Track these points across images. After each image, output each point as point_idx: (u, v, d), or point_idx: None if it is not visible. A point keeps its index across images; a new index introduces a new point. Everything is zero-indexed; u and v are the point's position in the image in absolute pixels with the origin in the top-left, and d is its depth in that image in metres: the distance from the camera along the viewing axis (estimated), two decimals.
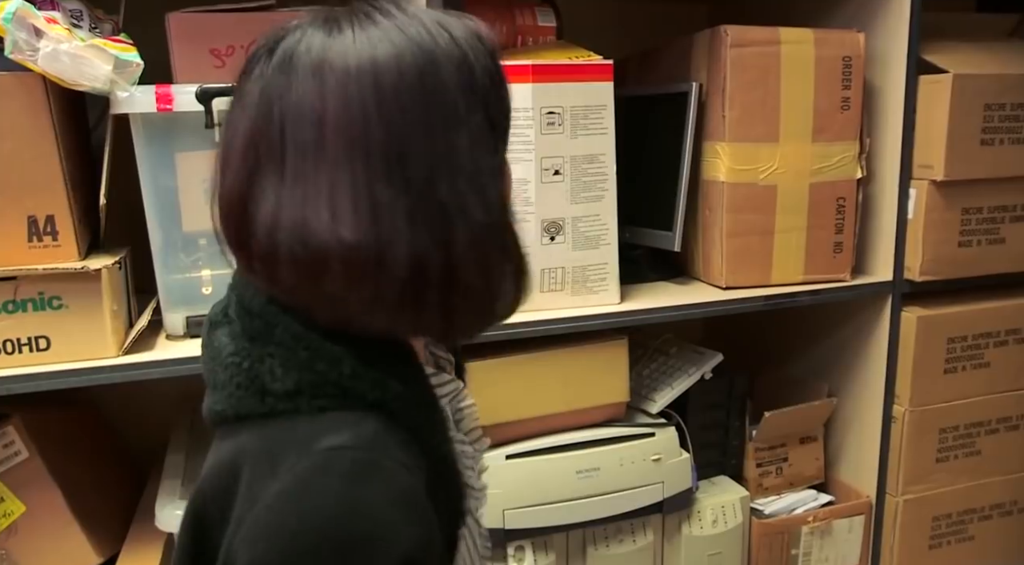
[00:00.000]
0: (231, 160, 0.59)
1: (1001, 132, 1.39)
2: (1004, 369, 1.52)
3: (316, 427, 0.58)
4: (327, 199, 0.56)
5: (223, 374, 0.62)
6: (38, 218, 1.01)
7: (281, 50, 0.58)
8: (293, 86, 0.56)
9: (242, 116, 0.59)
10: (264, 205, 0.57)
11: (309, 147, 0.56)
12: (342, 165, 0.56)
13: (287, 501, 0.54)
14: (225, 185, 0.60)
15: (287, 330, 0.60)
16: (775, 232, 1.36)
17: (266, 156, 0.57)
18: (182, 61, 1.11)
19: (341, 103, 0.56)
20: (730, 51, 1.29)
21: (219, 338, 0.64)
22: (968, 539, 1.56)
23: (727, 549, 1.42)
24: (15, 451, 1.11)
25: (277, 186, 0.57)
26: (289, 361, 0.59)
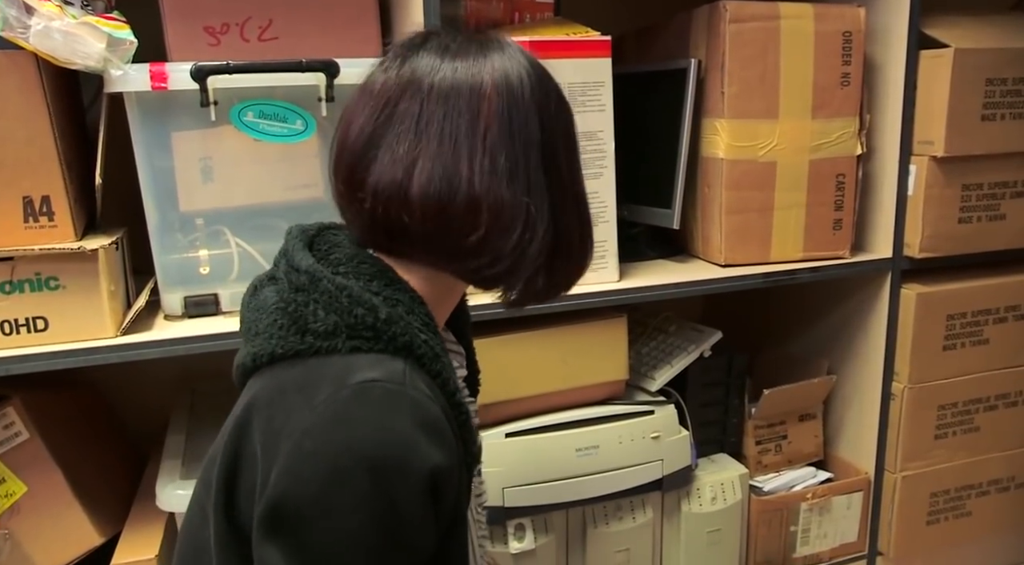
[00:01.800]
0: (360, 118, 0.71)
1: (1002, 107, 1.38)
2: (1003, 346, 1.52)
3: (350, 364, 0.65)
4: (497, 166, 0.69)
5: (266, 320, 0.69)
6: (34, 199, 1.01)
7: (438, 42, 0.72)
8: (463, 74, 0.70)
9: (405, 94, 0.70)
10: (425, 163, 0.68)
11: (480, 125, 0.69)
12: (504, 143, 0.69)
13: (325, 428, 0.62)
14: (350, 136, 0.71)
15: (331, 282, 0.68)
16: (774, 209, 1.35)
17: (439, 128, 0.68)
18: (176, 39, 1.10)
19: (507, 100, 0.70)
20: (729, 27, 1.28)
21: (264, 293, 0.73)
22: (966, 515, 1.57)
23: (726, 526, 1.43)
24: (15, 432, 1.12)
25: (443, 152, 0.68)
26: (330, 305, 0.67)
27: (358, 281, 0.69)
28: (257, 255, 1.14)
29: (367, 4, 1.17)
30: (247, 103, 1.08)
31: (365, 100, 0.72)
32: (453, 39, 0.73)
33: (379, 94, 0.71)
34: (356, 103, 0.73)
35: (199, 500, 0.75)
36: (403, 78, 0.70)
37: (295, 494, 0.61)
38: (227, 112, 1.07)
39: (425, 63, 0.71)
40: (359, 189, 0.70)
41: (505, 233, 0.69)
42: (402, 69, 0.71)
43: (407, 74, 0.70)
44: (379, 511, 0.61)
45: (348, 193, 0.72)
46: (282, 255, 0.74)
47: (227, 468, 0.68)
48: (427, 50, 0.72)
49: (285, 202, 1.15)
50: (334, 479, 0.61)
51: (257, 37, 1.13)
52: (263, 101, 1.08)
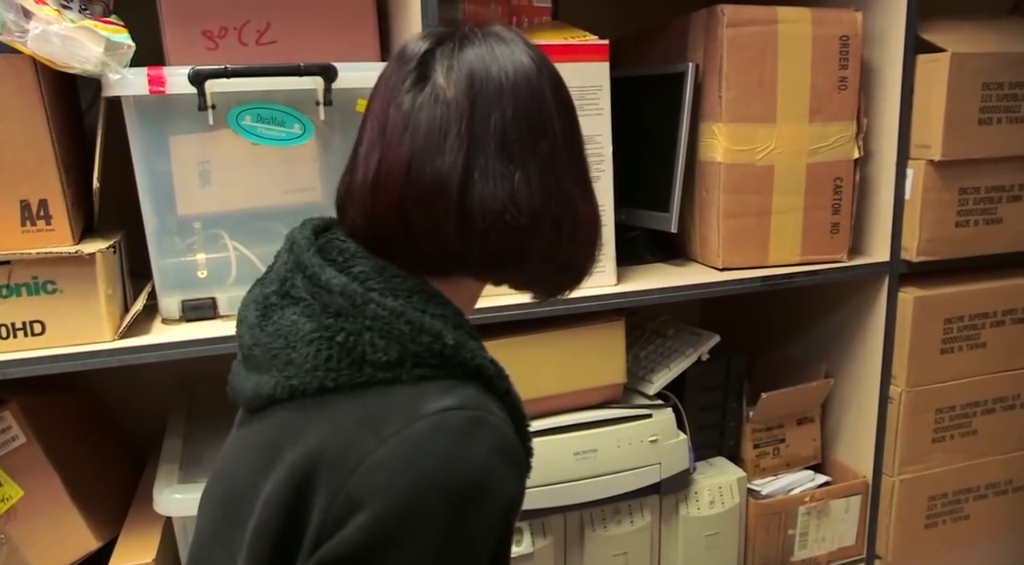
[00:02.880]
0: (444, 151, 0.66)
1: (999, 111, 1.38)
2: (1000, 349, 1.52)
3: (420, 393, 0.62)
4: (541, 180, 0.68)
5: (304, 350, 0.64)
6: (31, 202, 1.00)
7: (462, 63, 0.68)
8: (494, 95, 0.67)
9: (451, 116, 0.66)
10: (480, 183, 0.66)
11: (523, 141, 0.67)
12: (564, 143, 0.70)
13: (401, 461, 0.59)
14: (440, 170, 0.66)
15: (381, 305, 0.64)
16: (772, 213, 1.36)
17: (476, 144, 0.66)
18: (174, 43, 1.10)
19: (534, 106, 0.68)
20: (727, 31, 1.28)
21: (287, 318, 0.67)
22: (963, 518, 1.57)
23: (724, 530, 1.43)
24: (12, 436, 1.11)
25: (487, 169, 0.66)
26: (389, 333, 0.63)
27: (403, 300, 0.65)
28: (255, 259, 1.14)
29: (365, 8, 1.17)
30: (245, 107, 1.08)
31: (404, 123, 0.67)
32: (470, 40, 0.70)
33: (430, 115, 0.66)
34: (394, 129, 0.67)
35: (219, 538, 0.69)
36: (450, 96, 0.67)
37: (367, 534, 0.58)
38: (225, 116, 1.07)
39: (470, 69, 0.68)
40: (447, 219, 0.66)
41: (574, 237, 0.71)
42: (442, 82, 0.67)
43: (453, 91, 0.67)
44: (454, 543, 0.59)
45: (427, 223, 0.67)
46: (296, 270, 0.69)
47: (276, 508, 0.62)
48: (460, 51, 0.69)
49: (283, 206, 1.15)
50: (411, 512, 0.58)
51: (255, 41, 1.13)
52: (261, 105, 1.08)
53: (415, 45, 0.70)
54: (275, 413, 0.67)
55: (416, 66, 0.68)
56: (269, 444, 0.66)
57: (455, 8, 1.33)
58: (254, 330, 0.69)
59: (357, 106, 1.12)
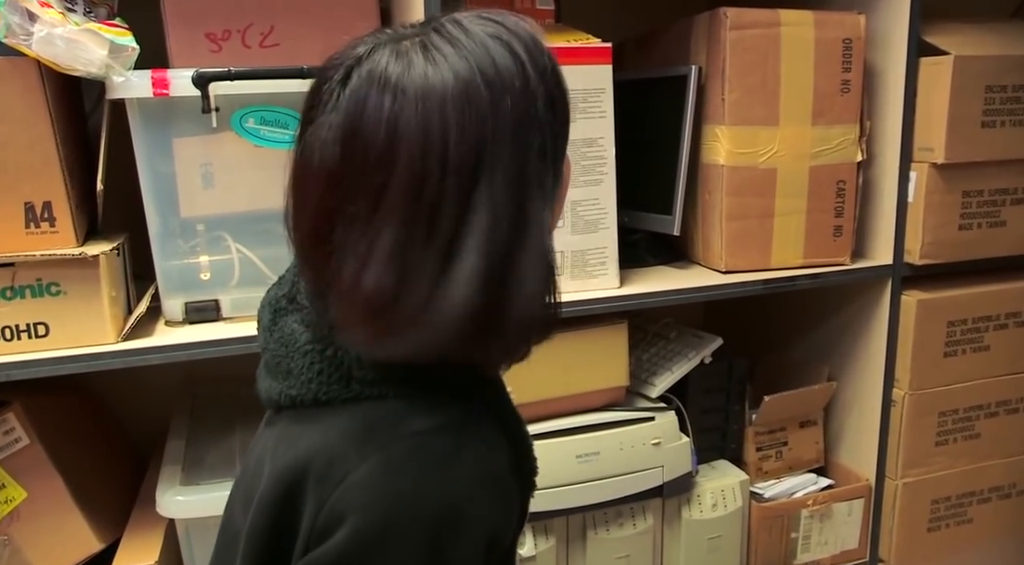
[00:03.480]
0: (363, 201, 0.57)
1: (1002, 114, 1.38)
2: (1004, 352, 1.52)
3: (404, 411, 0.60)
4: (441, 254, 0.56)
5: (299, 361, 0.63)
6: (35, 204, 1.01)
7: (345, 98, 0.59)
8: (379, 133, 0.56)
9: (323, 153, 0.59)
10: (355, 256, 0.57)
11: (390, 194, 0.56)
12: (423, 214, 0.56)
13: (380, 482, 0.57)
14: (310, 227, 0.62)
15: None
16: (775, 215, 1.35)
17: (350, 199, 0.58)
18: (178, 46, 1.10)
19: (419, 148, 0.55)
20: (730, 33, 1.28)
21: (289, 325, 0.66)
22: (967, 522, 1.57)
23: (727, 533, 1.43)
24: (16, 438, 1.12)
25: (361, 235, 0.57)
26: None
27: None
28: (258, 261, 1.14)
29: (369, 11, 1.18)
30: (248, 109, 1.08)
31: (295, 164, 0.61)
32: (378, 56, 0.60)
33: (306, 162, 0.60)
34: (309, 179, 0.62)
35: (237, 536, 0.69)
36: (327, 142, 0.59)
37: (344, 548, 0.57)
38: (228, 118, 1.07)
39: (347, 110, 0.58)
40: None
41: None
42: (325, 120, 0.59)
43: (331, 135, 0.58)
44: None
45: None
46: (296, 276, 0.68)
47: (264, 511, 0.62)
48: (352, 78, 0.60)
49: None
50: (386, 534, 0.56)
51: (259, 43, 1.13)
52: (264, 107, 1.08)
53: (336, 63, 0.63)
54: (283, 418, 0.66)
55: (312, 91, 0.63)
56: (268, 447, 0.66)
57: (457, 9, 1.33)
58: (266, 334, 0.69)
59: None
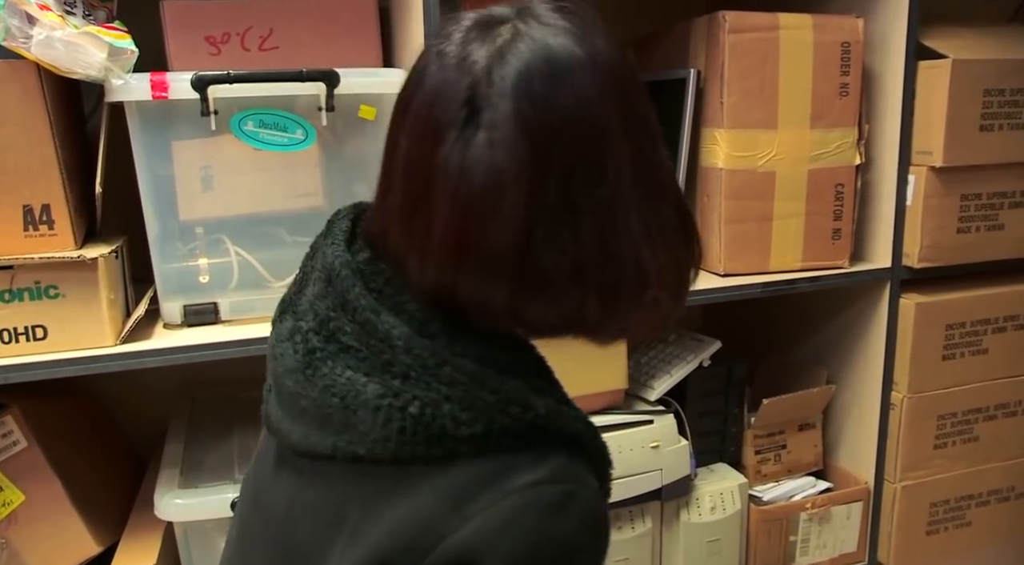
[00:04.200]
0: (504, 211, 0.54)
1: (1000, 118, 1.38)
2: (1002, 355, 1.52)
3: (507, 465, 0.56)
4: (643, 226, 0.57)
5: (367, 416, 0.56)
6: (34, 207, 1.01)
7: (509, 85, 0.54)
8: (559, 135, 0.54)
9: (510, 169, 0.54)
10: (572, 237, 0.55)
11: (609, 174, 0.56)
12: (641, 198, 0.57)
13: (492, 540, 0.54)
14: (496, 236, 0.55)
15: (460, 370, 0.56)
16: (773, 219, 1.36)
17: (554, 201, 0.54)
18: (177, 48, 1.11)
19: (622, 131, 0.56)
20: (728, 37, 1.28)
21: (337, 371, 0.57)
22: (966, 525, 1.57)
23: (725, 536, 1.43)
24: (14, 441, 1.11)
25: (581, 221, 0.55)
26: (471, 403, 0.55)
27: (478, 358, 0.57)
28: (257, 264, 1.14)
29: (367, 14, 1.18)
30: (247, 112, 1.08)
31: (457, 176, 0.54)
32: (514, 46, 0.55)
33: (487, 168, 0.53)
34: (445, 184, 0.55)
35: None
36: (504, 137, 0.53)
37: None
38: (227, 121, 1.07)
39: (518, 96, 0.54)
40: (499, 291, 0.56)
41: (638, 298, 0.61)
42: (492, 119, 0.53)
43: (507, 131, 0.53)
44: None
45: (478, 294, 0.57)
46: (342, 311, 0.58)
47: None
48: (503, 67, 0.54)
49: (285, 211, 1.15)
50: None
51: (258, 46, 1.13)
52: (263, 110, 1.09)
53: (457, 71, 0.55)
54: (335, 471, 0.59)
55: (465, 101, 0.54)
56: (334, 508, 0.59)
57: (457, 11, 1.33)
58: (297, 377, 0.59)
59: (360, 112, 1.12)
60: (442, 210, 0.55)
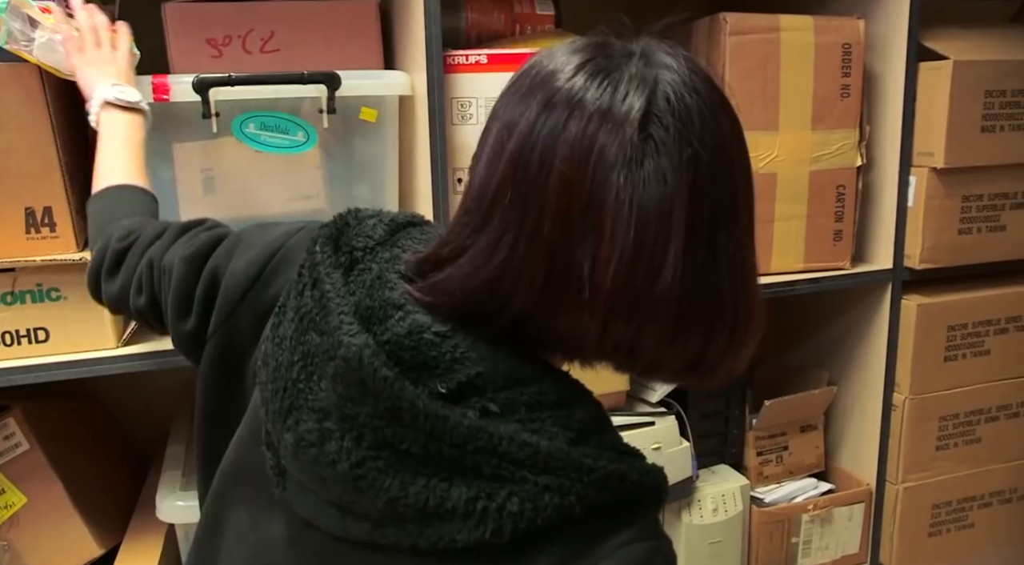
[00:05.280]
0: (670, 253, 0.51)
1: (1002, 119, 1.38)
2: (1004, 357, 1.51)
3: (596, 531, 0.53)
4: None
5: (454, 520, 0.50)
6: (35, 210, 1.01)
7: (677, 118, 0.51)
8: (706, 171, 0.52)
9: (658, 191, 0.50)
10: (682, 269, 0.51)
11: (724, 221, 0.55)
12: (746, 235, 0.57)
13: None
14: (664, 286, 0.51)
15: (554, 456, 0.51)
16: (775, 220, 1.36)
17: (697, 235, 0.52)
18: (178, 51, 1.11)
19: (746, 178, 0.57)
20: (729, 39, 1.28)
21: (407, 480, 0.51)
22: (968, 526, 1.57)
23: (727, 537, 1.43)
24: (15, 443, 1.12)
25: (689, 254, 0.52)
26: (573, 489, 0.52)
27: (560, 435, 0.53)
28: None
29: (368, 17, 1.18)
30: (249, 115, 1.08)
31: (629, 211, 0.50)
32: (668, 81, 0.53)
33: (659, 201, 0.50)
34: (616, 218, 0.50)
35: None
36: (669, 171, 0.51)
37: None
38: (229, 124, 1.07)
39: (686, 130, 0.51)
40: (651, 334, 0.53)
41: (745, 341, 0.58)
42: (663, 150, 0.51)
43: (670, 162, 0.51)
44: None
45: (622, 336, 0.53)
46: (391, 418, 0.50)
47: None
48: (676, 103, 0.52)
49: (287, 214, 1.15)
50: None
51: (259, 49, 1.14)
52: (265, 113, 1.09)
53: (623, 95, 0.52)
54: (402, 559, 0.54)
55: (639, 127, 0.50)
56: None
57: (458, 16, 1.33)
58: (345, 487, 0.52)
59: (361, 114, 1.12)
60: (607, 243, 0.50)
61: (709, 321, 0.54)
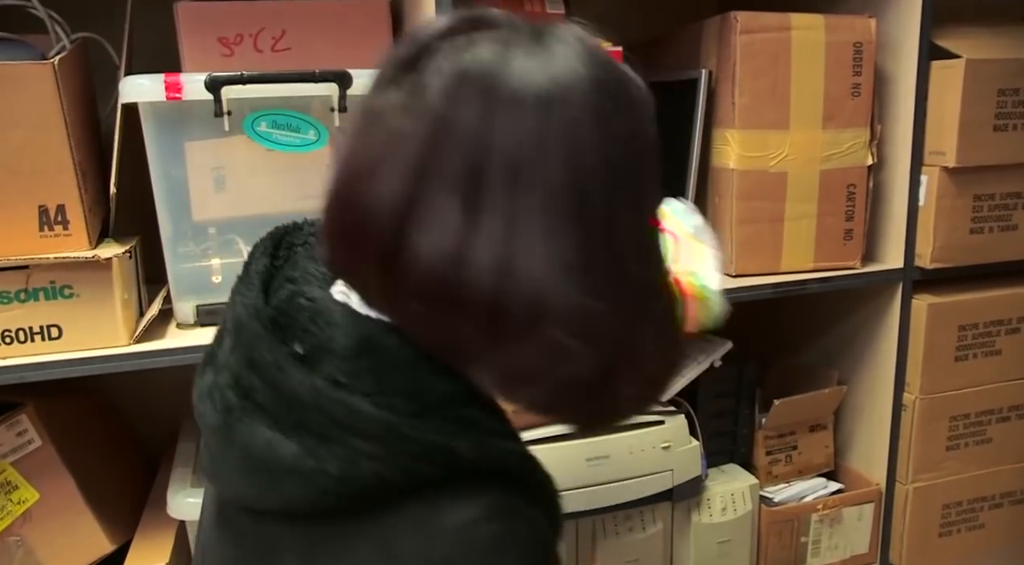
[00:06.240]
0: (384, 174, 0.51)
1: (1014, 117, 1.37)
2: (1015, 356, 1.51)
3: (434, 505, 0.53)
4: (549, 247, 0.50)
5: (288, 478, 0.53)
6: (49, 208, 1.01)
7: (470, 69, 0.51)
8: (497, 114, 0.50)
9: (411, 130, 0.51)
10: (443, 236, 0.50)
11: (524, 185, 0.50)
12: (563, 214, 0.50)
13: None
14: (372, 200, 0.52)
15: (376, 423, 0.52)
16: (785, 219, 1.35)
17: (456, 184, 0.50)
18: (190, 50, 1.11)
19: (567, 144, 0.51)
20: (740, 37, 1.28)
21: (259, 435, 0.54)
22: (978, 527, 1.56)
23: (736, 537, 1.43)
24: (28, 439, 1.12)
25: (467, 220, 0.50)
26: (394, 458, 0.52)
27: (393, 405, 0.53)
28: None
29: (380, 15, 1.18)
30: (260, 113, 1.08)
31: (380, 137, 0.53)
32: (493, 35, 0.53)
33: (402, 134, 0.51)
34: (354, 131, 0.55)
35: None
36: (428, 102, 0.51)
37: None
38: (240, 122, 1.08)
39: (464, 72, 0.51)
40: (368, 264, 0.54)
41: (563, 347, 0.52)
42: (426, 82, 0.52)
43: (433, 98, 0.51)
44: None
45: (352, 264, 0.56)
46: (250, 369, 0.54)
47: None
48: (471, 47, 0.52)
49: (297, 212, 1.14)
50: None
51: (270, 47, 1.14)
52: (276, 111, 1.09)
53: (427, 28, 0.55)
54: (271, 523, 0.57)
55: (409, 54, 0.54)
56: (273, 561, 0.57)
57: None
58: (218, 437, 0.56)
59: None
60: (340, 155, 0.56)
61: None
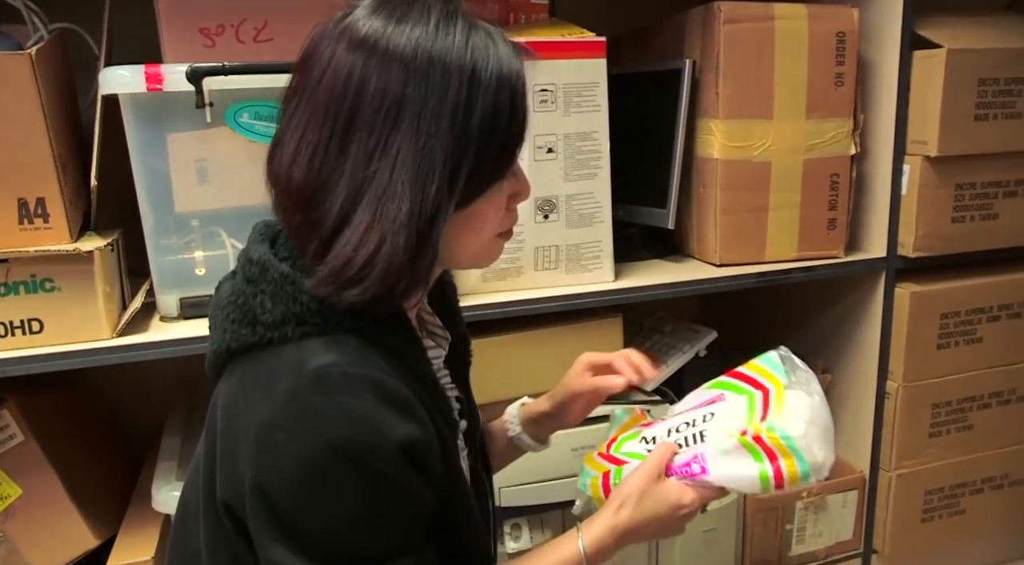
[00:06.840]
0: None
1: (995, 107, 1.38)
2: (996, 344, 1.52)
3: (303, 351, 0.65)
4: (299, 144, 0.68)
5: (220, 314, 0.70)
6: (29, 201, 1.00)
7: (346, 23, 0.72)
8: (336, 49, 0.70)
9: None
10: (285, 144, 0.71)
11: (306, 98, 0.69)
12: (318, 120, 0.67)
13: (291, 420, 0.62)
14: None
15: (277, 270, 0.68)
16: (769, 209, 1.36)
17: (294, 105, 0.71)
18: (171, 40, 1.10)
19: (352, 71, 0.67)
20: (724, 27, 1.28)
21: (223, 288, 0.74)
22: (960, 513, 1.58)
23: (722, 525, 1.43)
24: (10, 434, 1.12)
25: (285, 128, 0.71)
26: (277, 295, 0.67)
27: (296, 264, 0.69)
28: None
29: None
30: (242, 104, 1.08)
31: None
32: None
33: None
34: None
35: (187, 505, 0.76)
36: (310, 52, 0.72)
37: (281, 491, 0.63)
38: (222, 113, 1.07)
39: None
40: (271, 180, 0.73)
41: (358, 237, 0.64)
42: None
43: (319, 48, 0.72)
44: (365, 486, 0.63)
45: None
46: (243, 254, 0.74)
47: (208, 470, 0.70)
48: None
49: None
50: (314, 470, 0.62)
51: (252, 38, 1.13)
52: (258, 102, 1.08)
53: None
54: (219, 382, 0.73)
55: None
56: (208, 411, 0.73)
57: None
58: (211, 307, 0.75)
59: None
60: None
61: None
